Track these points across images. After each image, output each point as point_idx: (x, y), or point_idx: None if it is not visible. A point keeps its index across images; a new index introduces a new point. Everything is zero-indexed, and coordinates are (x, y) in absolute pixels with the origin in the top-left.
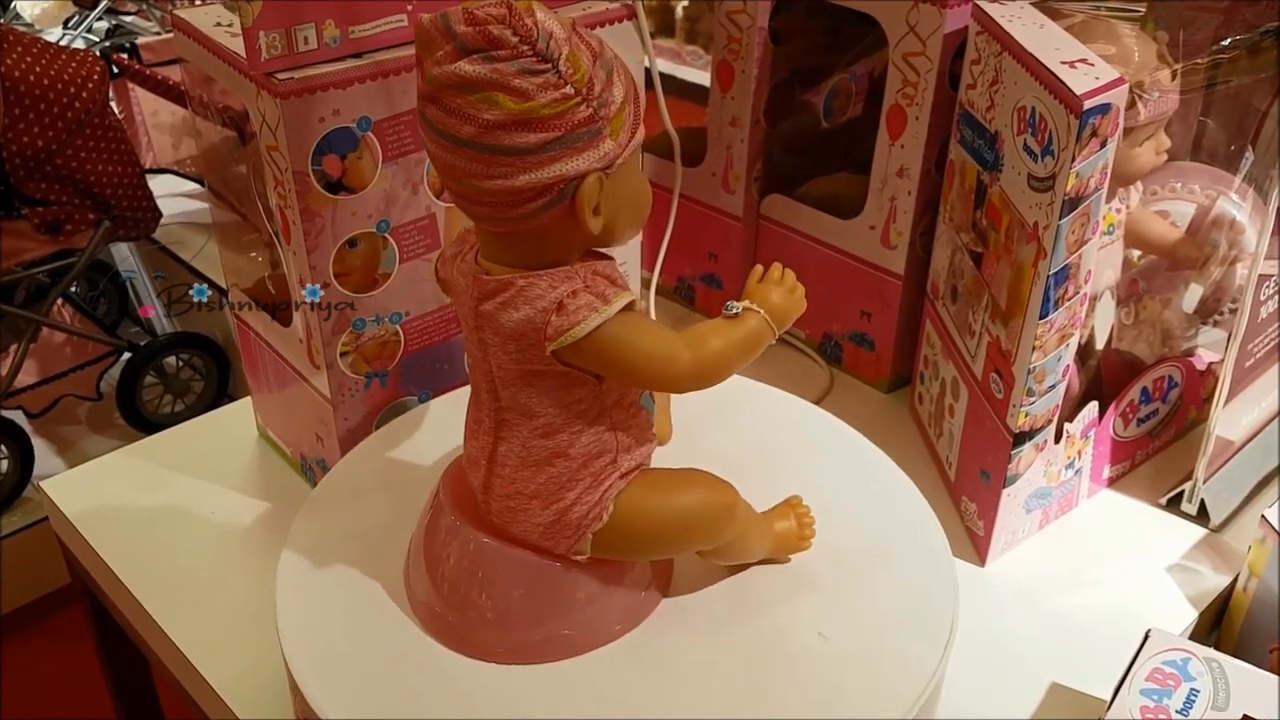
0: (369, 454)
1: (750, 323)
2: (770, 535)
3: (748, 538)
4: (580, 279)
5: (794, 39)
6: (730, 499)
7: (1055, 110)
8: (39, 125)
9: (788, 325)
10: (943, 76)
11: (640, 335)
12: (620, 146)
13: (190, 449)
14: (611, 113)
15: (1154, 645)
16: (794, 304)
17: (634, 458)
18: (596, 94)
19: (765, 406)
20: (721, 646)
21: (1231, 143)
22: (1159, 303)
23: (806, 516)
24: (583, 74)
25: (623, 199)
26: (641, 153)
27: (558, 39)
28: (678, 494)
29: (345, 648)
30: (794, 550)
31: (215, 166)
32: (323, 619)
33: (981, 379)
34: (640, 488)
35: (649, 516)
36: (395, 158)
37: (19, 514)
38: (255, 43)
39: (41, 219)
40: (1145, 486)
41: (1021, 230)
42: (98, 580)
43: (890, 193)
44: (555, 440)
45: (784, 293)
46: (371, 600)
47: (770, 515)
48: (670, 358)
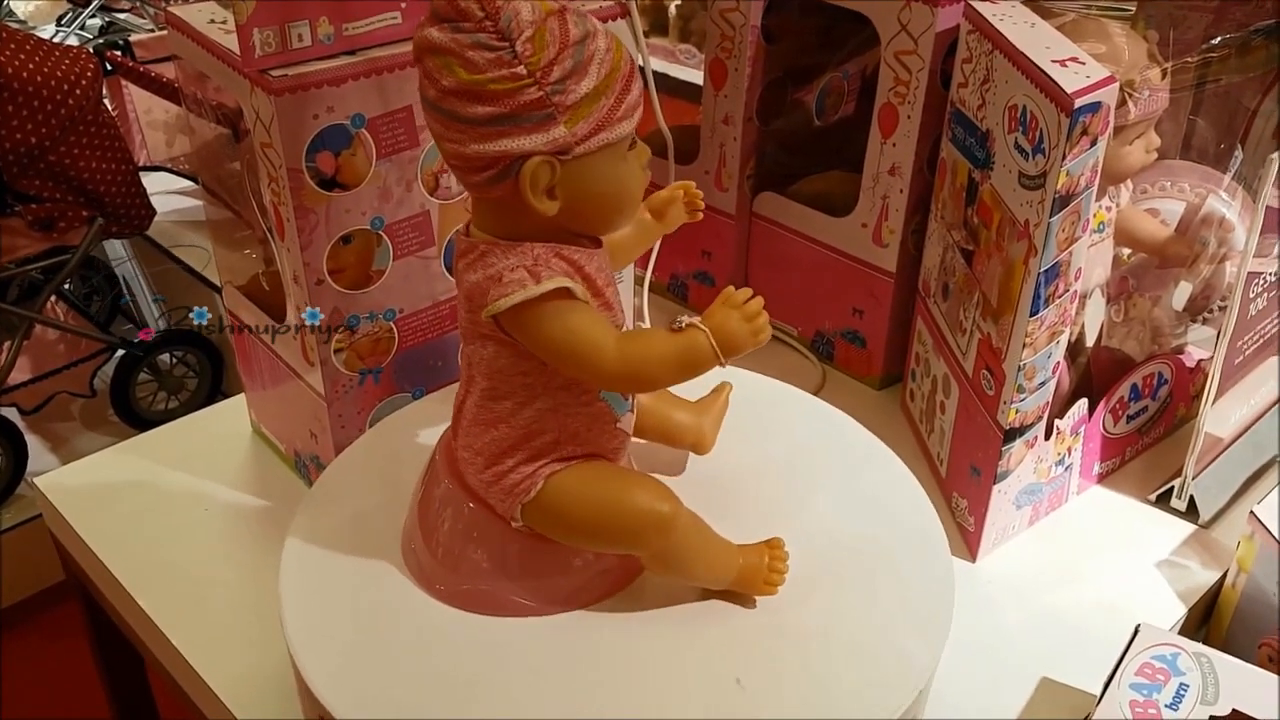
0: (366, 450)
1: (691, 340)
2: (731, 567)
3: (689, 558)
4: (531, 257)
5: (786, 37)
6: (665, 511)
7: (1046, 109)
8: (32, 122)
9: (738, 354)
10: (934, 75)
11: (570, 321)
12: (575, 136)
13: (184, 446)
14: (570, 101)
15: (1143, 640)
16: (746, 334)
17: (581, 446)
18: (553, 79)
19: (766, 398)
20: (712, 639)
21: (1221, 141)
22: (1149, 300)
23: (780, 563)
24: (540, 58)
25: (588, 190)
26: (635, 152)
27: (522, 20)
28: (611, 491)
29: (353, 645)
30: (755, 591)
31: (209, 164)
32: (328, 615)
33: (972, 376)
34: (577, 475)
35: (576, 504)
36: (389, 154)
37: (12, 511)
38: (249, 40)
39: (35, 216)
40: (1135, 483)
41: (1013, 228)
42: (92, 577)
43: (882, 191)
44: (500, 406)
45: (740, 320)
46: (376, 592)
47: (743, 548)
48: (597, 348)
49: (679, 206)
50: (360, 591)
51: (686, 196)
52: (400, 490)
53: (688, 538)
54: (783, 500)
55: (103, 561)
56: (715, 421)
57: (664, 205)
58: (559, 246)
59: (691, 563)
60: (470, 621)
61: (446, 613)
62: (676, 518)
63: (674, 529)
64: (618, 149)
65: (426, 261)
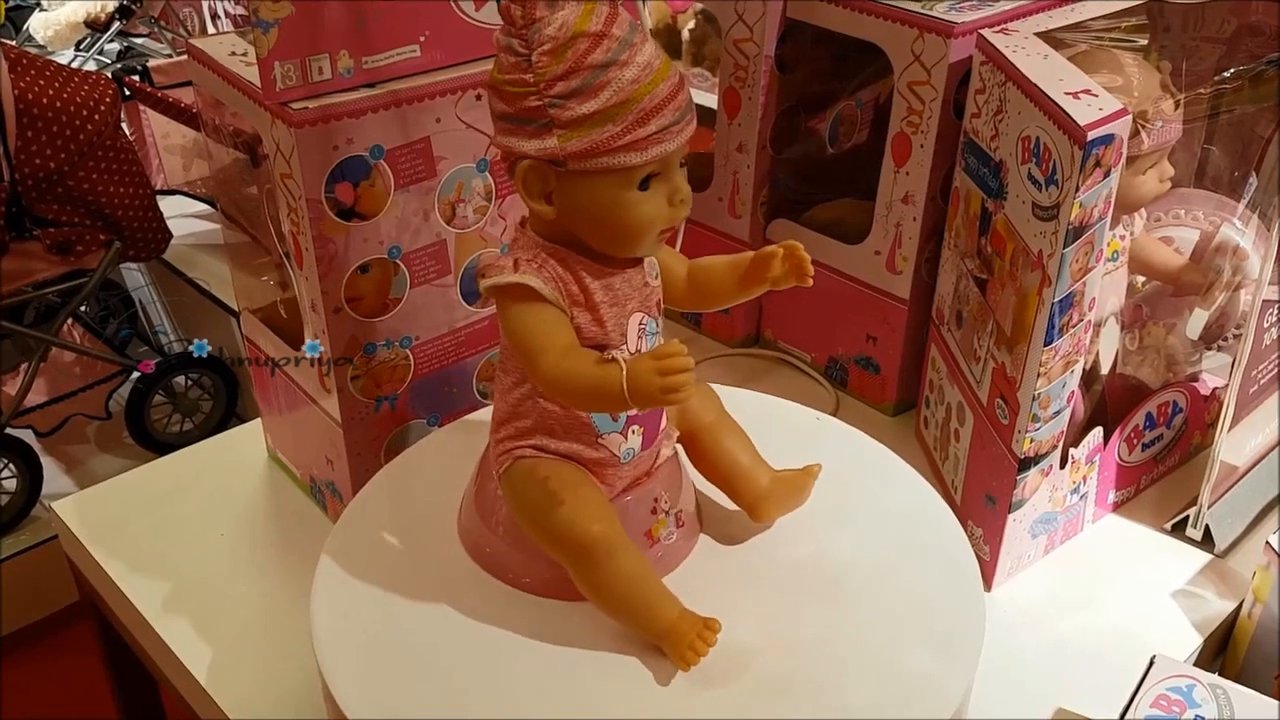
0: (394, 478)
1: (608, 375)
2: (656, 625)
3: (610, 599)
4: (530, 252)
5: (800, 67)
6: (584, 540)
7: (1059, 140)
8: (51, 147)
9: (648, 406)
10: (947, 105)
11: (525, 316)
12: (566, 151)
13: (201, 470)
14: (566, 117)
15: (1159, 671)
16: (656, 388)
17: (558, 443)
18: (554, 93)
19: (787, 419)
20: (738, 660)
21: (1235, 169)
22: (1163, 328)
23: (704, 645)
24: (548, 71)
25: (581, 206)
26: (655, 187)
27: (545, 35)
28: (556, 498)
29: (385, 667)
30: (671, 657)
31: (227, 188)
32: (361, 637)
33: (987, 404)
34: (540, 468)
35: (526, 494)
36: (407, 185)
37: (27, 533)
38: (271, 73)
39: (53, 240)
40: (1150, 511)
41: (1026, 258)
42: (107, 600)
43: (895, 219)
44: (505, 379)
45: (655, 374)
46: (411, 619)
47: (682, 614)
48: (539, 350)
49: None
50: (394, 615)
51: (790, 257)
52: (434, 510)
53: (615, 579)
54: (812, 521)
55: (118, 585)
56: (784, 495)
57: (766, 260)
58: (567, 252)
59: (612, 604)
60: (504, 642)
61: (484, 633)
62: (607, 553)
63: (600, 561)
64: (621, 176)
65: (443, 290)
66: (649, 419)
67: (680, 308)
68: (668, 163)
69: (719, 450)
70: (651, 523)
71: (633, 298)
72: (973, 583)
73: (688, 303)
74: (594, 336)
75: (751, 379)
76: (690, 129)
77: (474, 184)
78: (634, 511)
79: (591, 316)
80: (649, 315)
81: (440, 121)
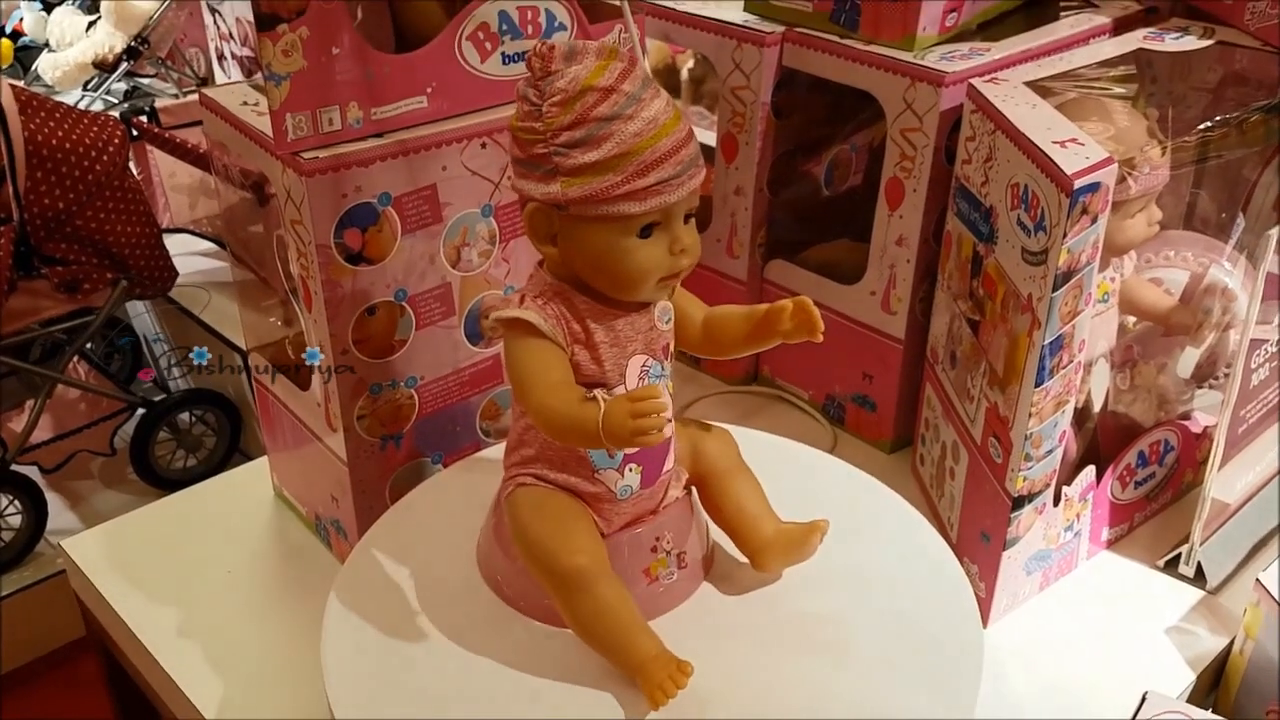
0: (401, 517)
1: (585, 414)
2: (632, 660)
3: (591, 632)
4: (538, 289)
5: (795, 113)
6: (567, 570)
7: (1047, 188)
8: (60, 188)
9: (620, 446)
10: (939, 151)
11: (521, 350)
12: (567, 197)
13: (208, 508)
14: (569, 165)
15: (1151, 707)
16: (628, 430)
17: (557, 474)
18: (559, 142)
19: (787, 459)
20: (732, 701)
21: (1222, 211)
22: (1154, 367)
23: (673, 686)
24: (556, 122)
25: (581, 249)
26: (656, 235)
27: (557, 87)
28: (547, 527)
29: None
30: (644, 692)
31: (234, 228)
32: (374, 681)
33: (980, 443)
34: (536, 496)
35: (520, 520)
36: (413, 230)
37: (32, 569)
38: (282, 124)
39: (60, 278)
40: (1144, 548)
41: (1016, 301)
42: (115, 636)
43: (890, 260)
44: (515, 408)
45: (627, 416)
46: (422, 657)
47: (658, 655)
48: (529, 383)
49: (791, 319)
50: (404, 652)
51: (799, 313)
52: (443, 548)
53: (594, 611)
54: (813, 563)
55: (126, 621)
56: (787, 548)
57: (777, 314)
58: (573, 292)
59: (590, 635)
60: (520, 680)
61: (497, 670)
62: (587, 584)
63: (579, 592)
64: (620, 223)
65: (448, 331)
66: (648, 458)
67: (694, 353)
68: (669, 213)
69: (726, 496)
70: (651, 560)
71: (635, 340)
72: (973, 627)
73: (701, 349)
74: (592, 375)
75: (750, 416)
76: (694, 182)
77: (478, 228)
78: (633, 548)
79: (590, 355)
80: (654, 358)
81: (446, 169)
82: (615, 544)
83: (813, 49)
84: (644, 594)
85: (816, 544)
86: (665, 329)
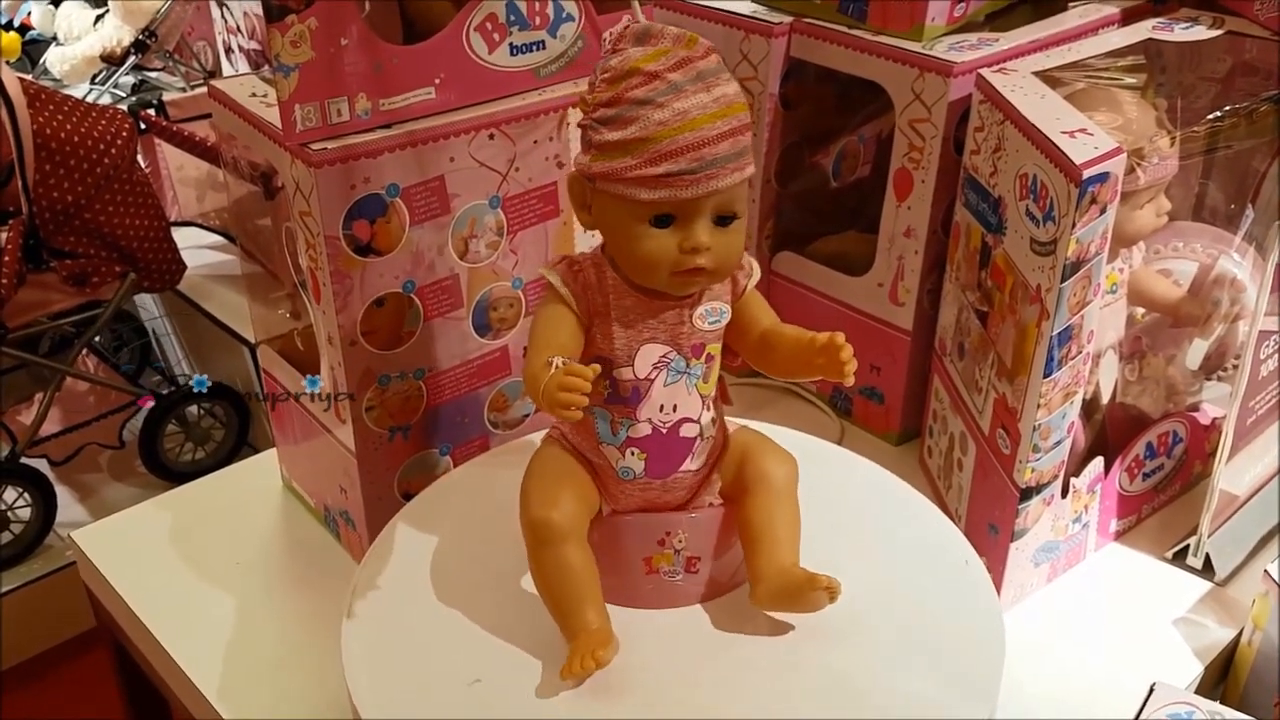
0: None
1: (537, 372)
2: (570, 622)
3: (542, 586)
4: (587, 255)
5: (804, 104)
6: (535, 520)
7: (1056, 178)
8: (68, 181)
9: (546, 410)
10: (948, 142)
11: (539, 311)
12: (591, 171)
13: (216, 500)
14: (598, 141)
15: (1159, 698)
16: (547, 401)
17: (574, 438)
18: (594, 117)
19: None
20: (761, 693)
21: (1231, 202)
22: (1163, 359)
23: (591, 661)
24: (597, 97)
25: (603, 222)
26: (673, 228)
27: (610, 65)
28: (535, 478)
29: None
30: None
31: (243, 221)
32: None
33: (989, 434)
34: (548, 452)
35: (526, 470)
36: (422, 221)
37: (41, 560)
38: (291, 115)
39: (69, 271)
40: (1152, 540)
41: (1025, 292)
42: (124, 628)
43: (898, 252)
44: None
45: (555, 389)
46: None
47: (596, 632)
48: (534, 343)
49: (820, 352)
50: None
51: (826, 350)
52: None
53: (552, 568)
54: (829, 551)
55: (135, 612)
56: (782, 591)
57: (808, 344)
58: (608, 266)
59: (542, 591)
60: (542, 668)
61: (515, 661)
62: (551, 541)
63: (542, 546)
64: (632, 206)
65: (456, 322)
66: (655, 449)
67: (748, 362)
68: (685, 209)
69: (747, 518)
70: (654, 552)
71: (656, 328)
72: (994, 618)
73: (752, 360)
74: (602, 350)
75: (757, 408)
76: (715, 183)
77: (486, 220)
78: (636, 532)
79: (603, 331)
80: (678, 353)
81: (454, 160)
82: (617, 522)
83: (821, 40)
84: (638, 581)
85: (818, 603)
86: (705, 328)
